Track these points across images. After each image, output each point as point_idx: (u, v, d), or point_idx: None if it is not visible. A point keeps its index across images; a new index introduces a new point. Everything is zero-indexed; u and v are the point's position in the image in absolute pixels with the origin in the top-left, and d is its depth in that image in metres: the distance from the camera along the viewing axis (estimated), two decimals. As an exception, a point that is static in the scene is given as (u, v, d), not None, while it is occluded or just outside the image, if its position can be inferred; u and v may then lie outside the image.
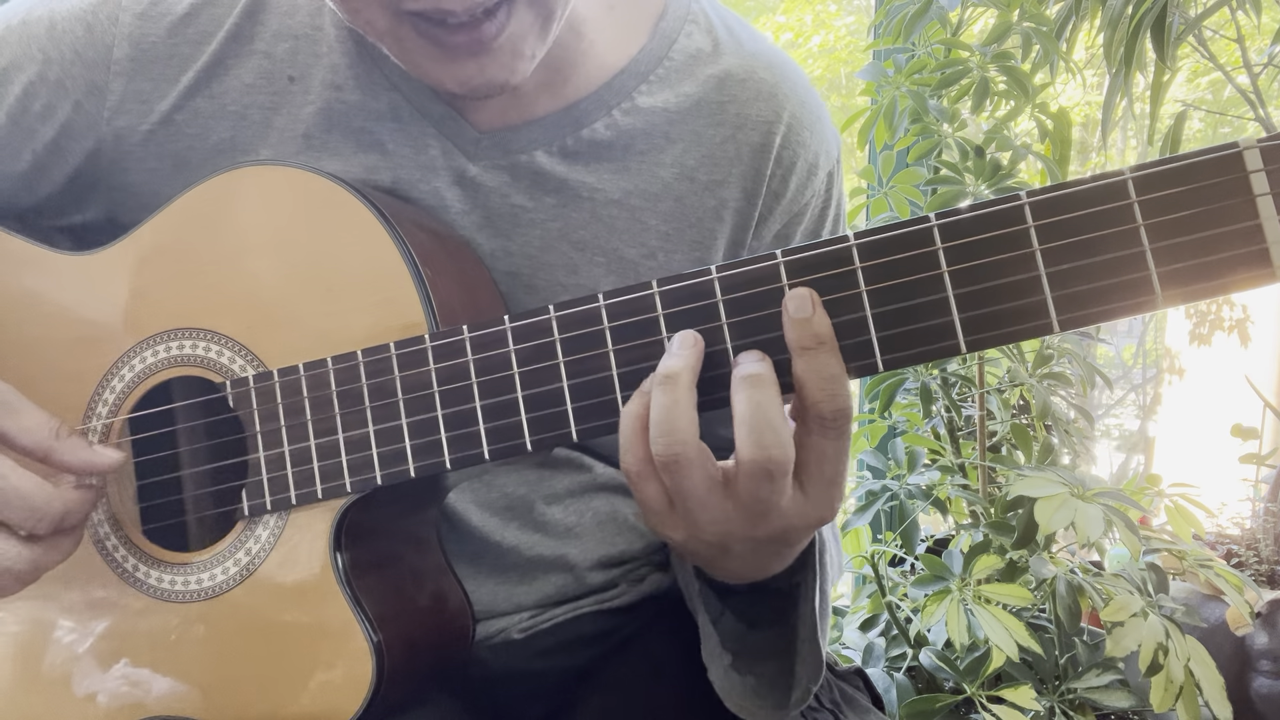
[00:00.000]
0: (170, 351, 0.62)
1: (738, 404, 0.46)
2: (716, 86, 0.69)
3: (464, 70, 0.58)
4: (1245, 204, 0.42)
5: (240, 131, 0.67)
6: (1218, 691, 1.05)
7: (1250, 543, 1.68)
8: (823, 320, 0.47)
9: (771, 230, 0.73)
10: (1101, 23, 1.16)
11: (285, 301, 0.60)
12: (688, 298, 0.50)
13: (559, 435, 0.52)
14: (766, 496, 0.47)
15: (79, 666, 0.64)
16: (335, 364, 0.57)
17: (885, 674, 1.28)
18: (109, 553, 0.64)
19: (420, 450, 0.55)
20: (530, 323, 0.52)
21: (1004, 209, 0.45)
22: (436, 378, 0.55)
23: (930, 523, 1.69)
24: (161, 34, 0.66)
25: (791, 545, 0.52)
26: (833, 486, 0.48)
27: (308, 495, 0.58)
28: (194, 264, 0.62)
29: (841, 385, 0.46)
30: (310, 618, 0.58)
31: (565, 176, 0.68)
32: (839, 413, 0.46)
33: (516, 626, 0.74)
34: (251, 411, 0.59)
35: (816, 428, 0.47)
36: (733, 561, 0.52)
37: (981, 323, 0.46)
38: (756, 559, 0.52)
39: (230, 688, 0.60)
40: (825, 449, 0.47)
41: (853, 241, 0.47)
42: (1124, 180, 0.43)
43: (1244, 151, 0.42)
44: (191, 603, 0.61)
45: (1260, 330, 2.09)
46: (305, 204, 0.60)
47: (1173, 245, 0.43)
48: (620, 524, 0.76)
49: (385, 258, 0.58)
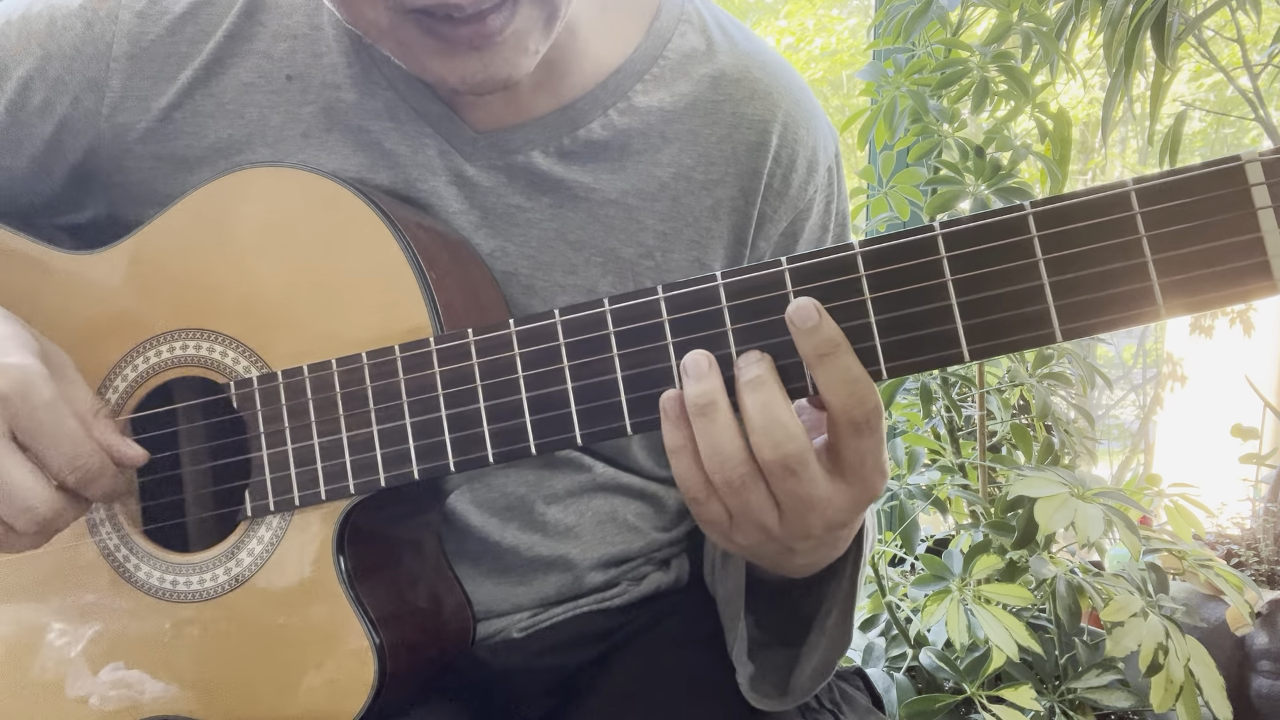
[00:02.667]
0: (174, 352, 0.63)
1: (746, 410, 0.48)
2: (711, 86, 0.70)
3: (467, 65, 0.58)
4: (1247, 217, 0.43)
5: (237, 130, 0.67)
6: (1218, 691, 1.05)
7: (1250, 543, 1.68)
8: (830, 325, 0.47)
9: (778, 228, 0.73)
10: (1101, 23, 1.16)
11: (289, 303, 0.60)
12: (693, 304, 0.50)
13: (563, 439, 0.52)
14: (798, 491, 0.48)
15: (79, 665, 0.64)
16: (340, 366, 0.57)
17: (885, 674, 1.28)
18: (110, 552, 0.64)
19: (424, 452, 0.55)
20: (535, 326, 0.53)
21: (1008, 219, 0.46)
22: (441, 381, 0.55)
23: (930, 523, 1.69)
24: (160, 32, 0.66)
25: (848, 526, 0.53)
26: (875, 473, 0.49)
27: (311, 496, 0.58)
28: (198, 265, 0.63)
29: (867, 385, 0.47)
30: (312, 619, 0.58)
31: (562, 176, 0.68)
32: (872, 413, 0.47)
33: (516, 626, 0.74)
34: (255, 412, 0.59)
35: (851, 432, 0.47)
36: (799, 558, 0.54)
37: (985, 331, 0.46)
38: (820, 552, 0.54)
39: (231, 688, 0.60)
40: (864, 447, 0.48)
41: (858, 250, 0.48)
42: (1127, 192, 0.44)
43: (1246, 165, 0.43)
44: (193, 603, 0.61)
45: (1261, 330, 2.09)
46: (310, 206, 0.60)
47: (1175, 257, 0.44)
48: (620, 524, 0.76)
49: (389, 260, 0.58)
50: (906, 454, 1.39)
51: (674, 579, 0.81)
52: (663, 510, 0.79)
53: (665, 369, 0.51)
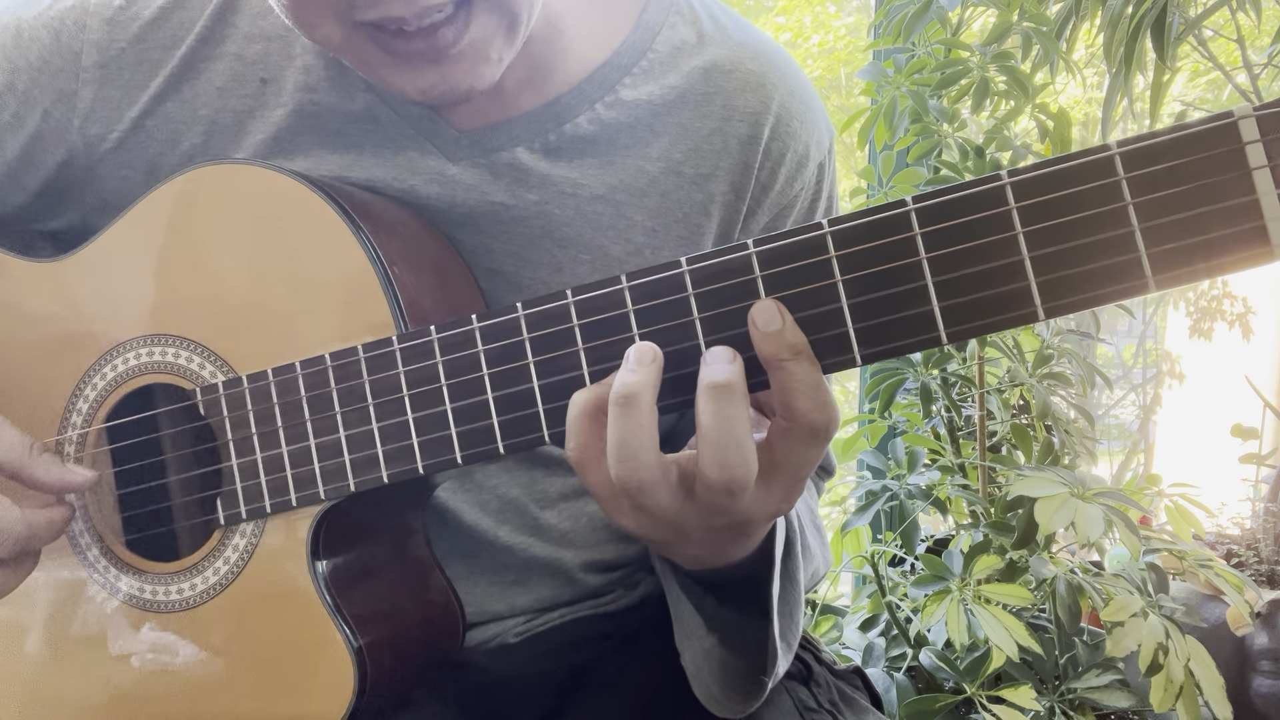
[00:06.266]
0: (140, 359, 0.61)
1: (703, 415, 0.43)
2: (702, 78, 0.68)
3: (425, 78, 0.57)
4: (1241, 178, 0.39)
5: (213, 136, 0.66)
6: (1218, 691, 1.05)
7: (1250, 543, 1.68)
8: (794, 330, 0.44)
9: (759, 223, 0.72)
10: (1101, 23, 1.16)
11: (252, 304, 0.59)
12: (658, 292, 0.47)
13: (531, 439, 0.51)
14: (726, 505, 0.45)
15: (60, 678, 0.63)
16: (304, 369, 0.56)
17: (885, 674, 1.28)
18: (90, 563, 0.63)
19: (392, 456, 0.54)
20: (498, 322, 0.51)
21: (984, 190, 0.42)
22: (406, 381, 0.53)
23: (930, 523, 1.69)
24: (130, 39, 0.65)
25: (750, 535, 0.50)
26: (800, 483, 0.47)
27: (282, 504, 0.57)
28: (159, 268, 0.61)
29: (828, 393, 0.45)
30: (290, 625, 0.57)
31: (548, 173, 0.67)
32: (832, 421, 0.44)
33: (512, 630, 0.73)
34: (223, 419, 0.58)
35: (805, 438, 0.45)
36: (690, 548, 0.51)
37: (962, 312, 0.43)
38: (714, 546, 0.51)
39: (212, 697, 0.59)
40: (808, 456, 0.45)
41: (827, 229, 0.44)
42: (1111, 156, 0.41)
43: (1239, 121, 0.39)
44: (173, 612, 0.61)
45: (1261, 329, 2.09)
46: (268, 203, 0.58)
47: (1164, 224, 0.40)
48: (614, 530, 0.75)
49: (350, 256, 0.56)
50: (906, 454, 1.39)
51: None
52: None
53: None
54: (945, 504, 1.44)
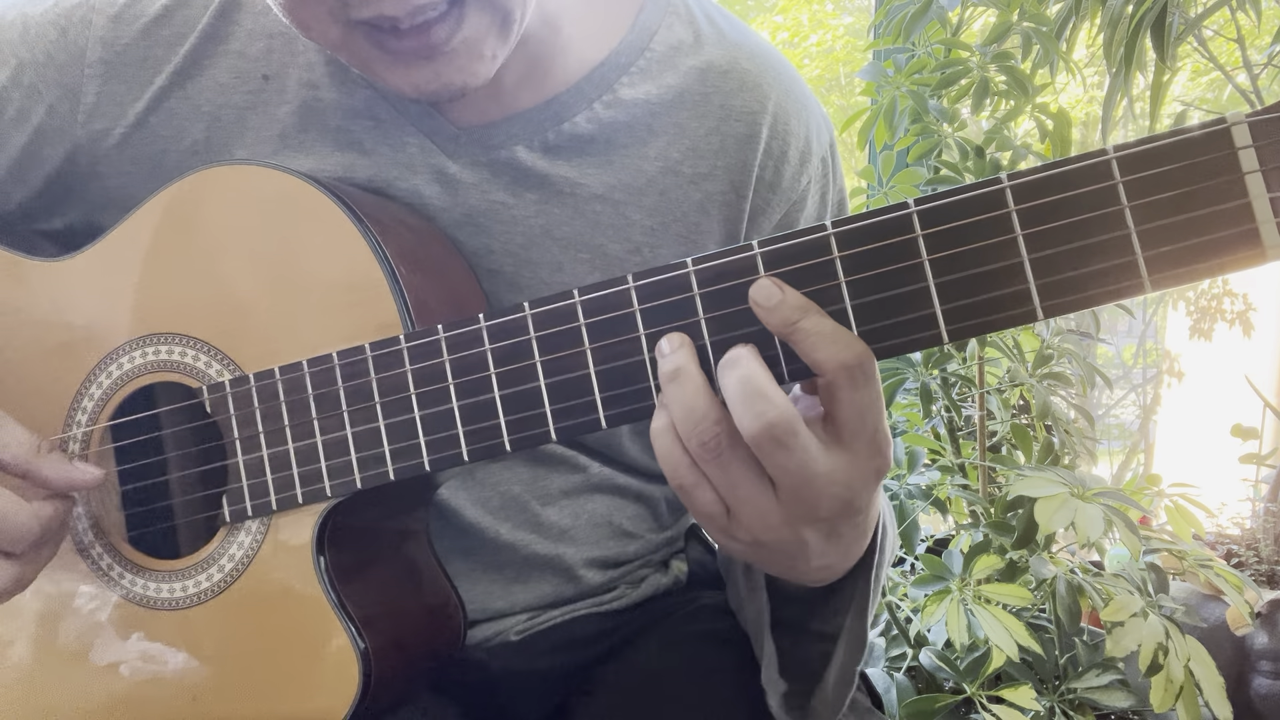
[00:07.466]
0: (146, 357, 0.62)
1: (725, 388, 0.45)
2: (699, 78, 0.69)
3: (419, 75, 0.58)
4: (1234, 182, 0.40)
5: (215, 132, 0.66)
6: (1218, 691, 1.05)
7: (1250, 543, 1.68)
8: (793, 293, 0.45)
9: (772, 220, 0.72)
10: (1101, 23, 1.16)
11: (259, 303, 0.59)
12: (664, 292, 0.48)
13: (537, 435, 0.51)
14: (790, 464, 0.44)
15: (64, 676, 0.63)
16: (311, 367, 0.56)
17: (885, 674, 1.28)
18: (94, 560, 0.63)
19: (399, 453, 0.54)
20: (505, 321, 0.51)
21: (984, 193, 0.43)
22: (413, 379, 0.54)
23: (930, 523, 1.69)
24: (135, 36, 0.66)
25: (862, 510, 0.48)
26: (878, 434, 0.46)
27: (288, 500, 0.57)
28: (166, 267, 0.62)
29: (847, 332, 0.45)
30: (295, 622, 0.58)
31: (547, 172, 0.67)
32: (863, 355, 0.44)
33: (514, 629, 0.73)
34: (229, 417, 0.59)
35: (846, 382, 0.44)
36: (815, 556, 0.49)
37: (963, 312, 0.44)
38: (837, 543, 0.49)
39: (217, 694, 0.59)
40: (860, 400, 0.45)
41: (830, 231, 0.45)
42: (1108, 160, 0.42)
43: (1232, 127, 0.41)
44: (177, 610, 0.61)
45: (1261, 329, 2.09)
46: (276, 203, 0.59)
47: (1159, 227, 0.41)
48: (615, 529, 0.75)
49: (358, 256, 0.57)
50: (906, 454, 1.39)
51: (672, 580, 0.81)
52: (659, 513, 0.79)
53: (639, 361, 0.49)
54: (945, 504, 1.43)
